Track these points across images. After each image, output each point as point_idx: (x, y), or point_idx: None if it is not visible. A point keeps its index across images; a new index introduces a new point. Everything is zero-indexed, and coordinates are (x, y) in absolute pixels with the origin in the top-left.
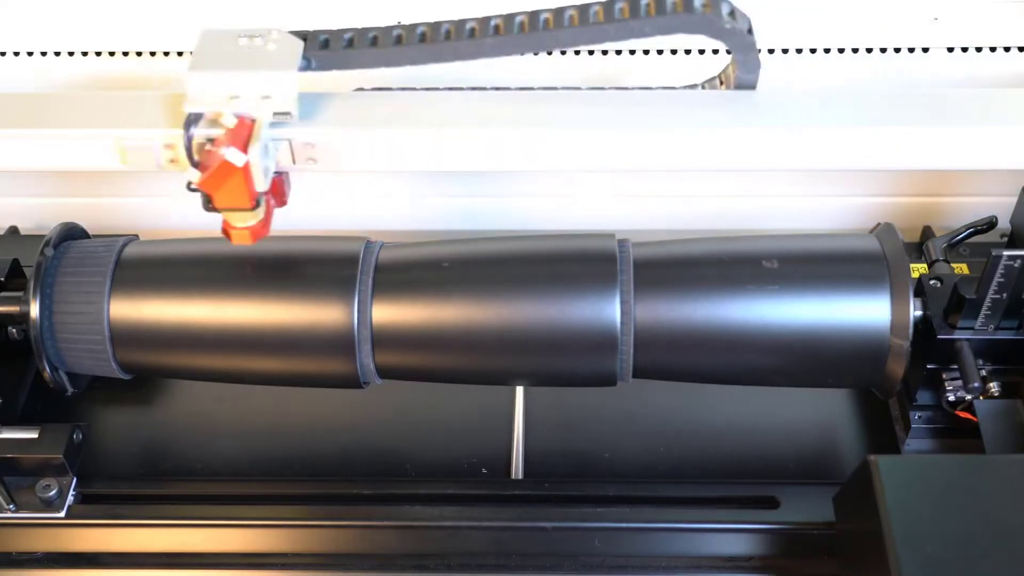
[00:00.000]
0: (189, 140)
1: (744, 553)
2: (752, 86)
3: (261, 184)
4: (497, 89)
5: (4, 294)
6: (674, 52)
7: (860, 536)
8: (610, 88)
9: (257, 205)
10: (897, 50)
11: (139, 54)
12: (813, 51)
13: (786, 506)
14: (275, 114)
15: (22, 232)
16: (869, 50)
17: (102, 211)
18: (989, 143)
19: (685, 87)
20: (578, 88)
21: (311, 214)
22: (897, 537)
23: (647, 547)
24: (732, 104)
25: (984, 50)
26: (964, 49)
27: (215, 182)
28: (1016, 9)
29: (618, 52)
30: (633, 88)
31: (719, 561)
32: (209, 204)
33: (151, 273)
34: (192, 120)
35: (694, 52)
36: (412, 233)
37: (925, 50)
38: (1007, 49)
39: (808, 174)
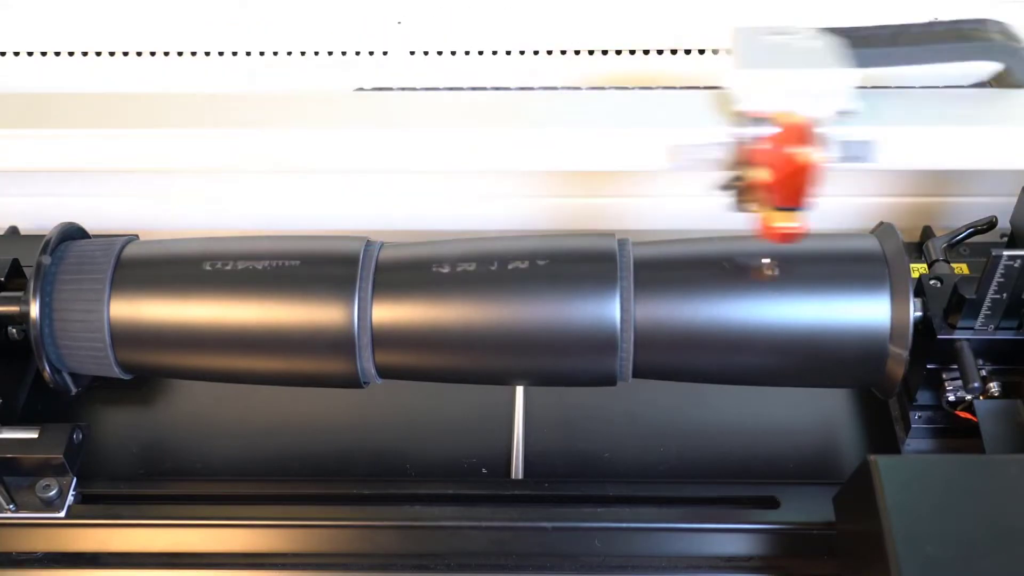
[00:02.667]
0: (748, 138)
1: (744, 553)
2: None
3: (820, 183)
4: None
5: (4, 294)
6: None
7: (860, 536)
8: None
9: (809, 204)
10: None
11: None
12: None
13: (786, 506)
14: (839, 112)
15: (22, 232)
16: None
17: (102, 211)
18: (989, 143)
19: None
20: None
21: (311, 214)
22: (897, 537)
23: (647, 547)
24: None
25: None
26: None
27: (787, 180)
28: (1016, 9)
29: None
30: None
31: (719, 561)
32: (751, 203)
33: (151, 273)
34: (749, 119)
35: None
36: (412, 233)
37: None
38: None
39: None
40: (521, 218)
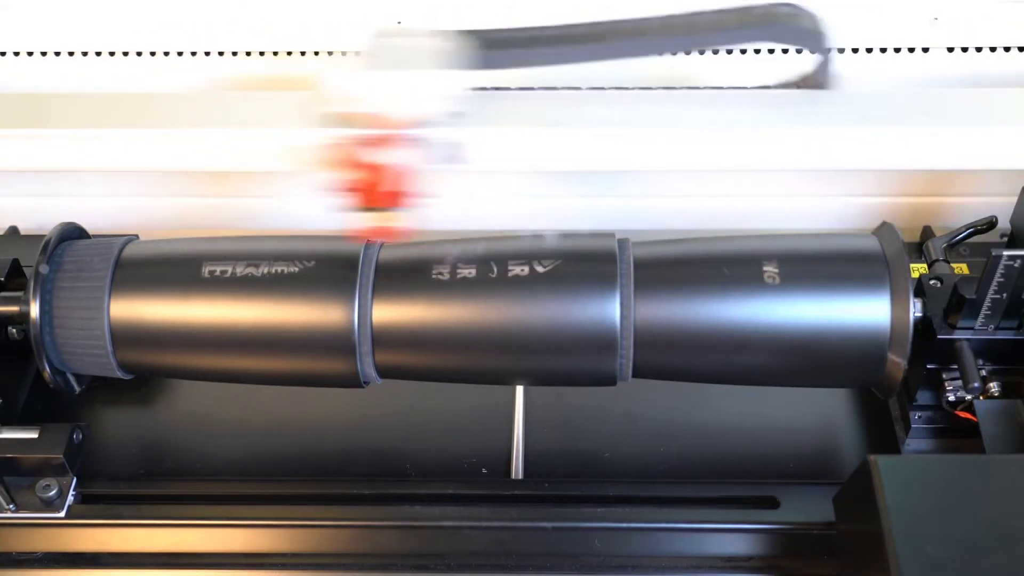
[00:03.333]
0: (352, 140)
1: (744, 553)
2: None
3: (417, 184)
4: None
5: (4, 294)
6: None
7: (860, 536)
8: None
9: (407, 204)
10: (897, 50)
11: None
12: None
13: (786, 506)
14: (446, 114)
15: (22, 232)
16: (869, 50)
17: (102, 211)
18: (989, 143)
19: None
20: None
21: (311, 214)
22: (897, 537)
23: (647, 547)
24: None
25: (984, 50)
26: (964, 49)
27: (374, 180)
28: (1016, 9)
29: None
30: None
31: (719, 561)
32: (361, 204)
33: (151, 273)
34: (354, 120)
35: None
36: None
37: (925, 50)
38: (1007, 49)
39: (808, 174)
40: (520, 218)
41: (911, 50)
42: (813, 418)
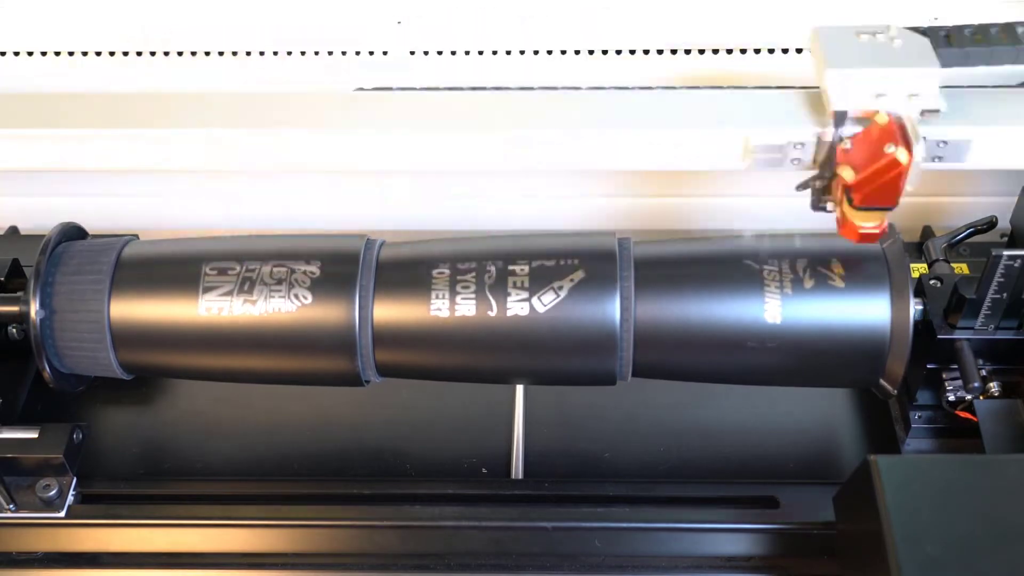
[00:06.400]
0: (839, 139)
1: (744, 553)
2: None
3: (912, 183)
4: None
5: (4, 294)
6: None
7: (860, 536)
8: None
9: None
10: None
11: None
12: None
13: (786, 506)
14: (923, 112)
15: (22, 232)
16: None
17: (102, 211)
18: (989, 143)
19: None
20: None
21: (311, 213)
22: (897, 537)
23: (647, 547)
24: None
25: None
26: None
27: (875, 180)
28: (1016, 9)
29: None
30: None
31: (719, 561)
32: (829, 202)
33: (151, 273)
34: (840, 118)
35: None
36: (412, 233)
37: None
38: None
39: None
40: (521, 218)
41: None
42: (813, 418)
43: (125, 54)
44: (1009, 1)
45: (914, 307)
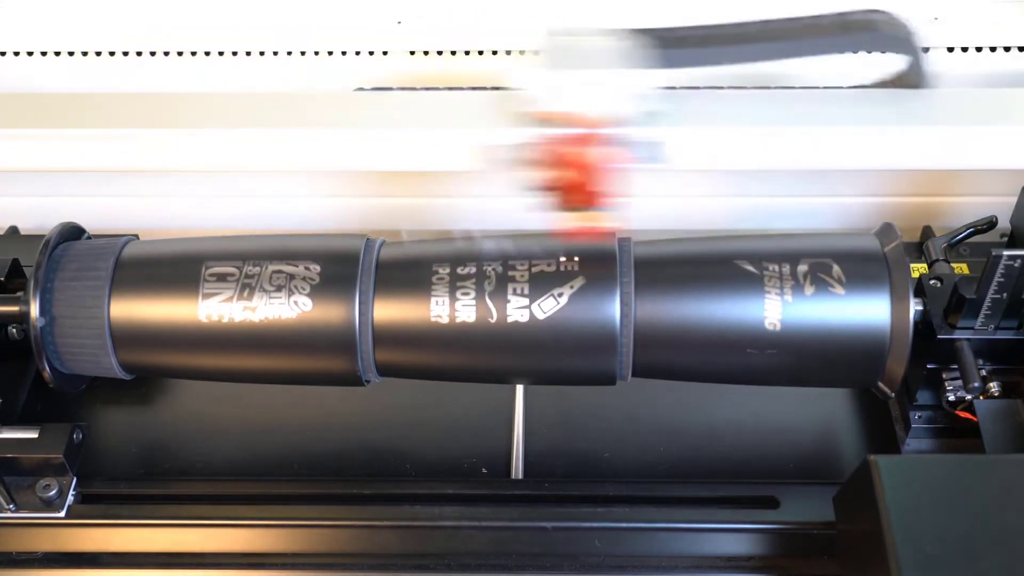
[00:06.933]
0: (548, 140)
1: (744, 553)
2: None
3: (618, 182)
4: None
5: (4, 294)
6: None
7: (860, 536)
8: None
9: (610, 204)
10: None
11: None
12: None
13: (786, 506)
14: (645, 113)
15: (22, 232)
16: (869, 50)
17: (102, 211)
18: (989, 143)
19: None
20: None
21: (311, 213)
22: (897, 537)
23: (647, 547)
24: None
25: (984, 50)
26: (964, 49)
27: (581, 180)
28: (1016, 9)
29: None
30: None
31: (719, 561)
32: (563, 204)
33: (151, 273)
34: (548, 119)
35: None
36: (412, 233)
37: (925, 50)
38: (1007, 49)
39: (808, 174)
40: (520, 218)
41: None
42: (813, 418)
43: (125, 54)
44: (1009, 1)
45: (914, 308)
